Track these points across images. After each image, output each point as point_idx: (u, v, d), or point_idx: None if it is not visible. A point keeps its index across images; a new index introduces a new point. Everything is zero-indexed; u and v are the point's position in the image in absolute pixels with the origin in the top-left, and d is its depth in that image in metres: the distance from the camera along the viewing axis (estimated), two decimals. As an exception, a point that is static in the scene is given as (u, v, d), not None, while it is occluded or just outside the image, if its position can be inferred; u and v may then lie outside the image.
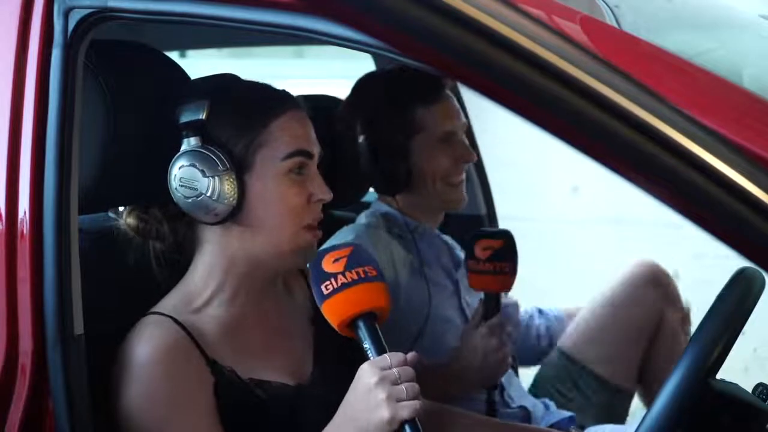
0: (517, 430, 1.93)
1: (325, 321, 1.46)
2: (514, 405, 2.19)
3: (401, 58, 1.17)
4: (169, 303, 1.57)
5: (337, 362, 1.62)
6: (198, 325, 1.55)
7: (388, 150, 2.09)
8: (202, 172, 1.51)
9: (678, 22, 1.65)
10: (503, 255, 2.07)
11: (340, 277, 1.42)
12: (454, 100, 2.17)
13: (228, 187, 1.52)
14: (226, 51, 4.27)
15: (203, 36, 2.65)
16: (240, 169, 1.53)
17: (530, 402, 2.23)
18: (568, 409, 2.29)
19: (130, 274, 1.60)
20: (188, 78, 1.65)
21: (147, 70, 1.61)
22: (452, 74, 1.08)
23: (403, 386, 1.36)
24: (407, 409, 1.36)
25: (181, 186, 1.52)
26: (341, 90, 2.27)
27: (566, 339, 2.44)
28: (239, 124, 1.55)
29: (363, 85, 2.20)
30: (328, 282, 1.43)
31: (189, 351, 1.52)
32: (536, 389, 2.44)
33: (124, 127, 1.51)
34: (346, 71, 4.33)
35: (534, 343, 2.48)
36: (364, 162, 2.10)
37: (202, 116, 1.53)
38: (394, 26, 0.99)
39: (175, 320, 1.53)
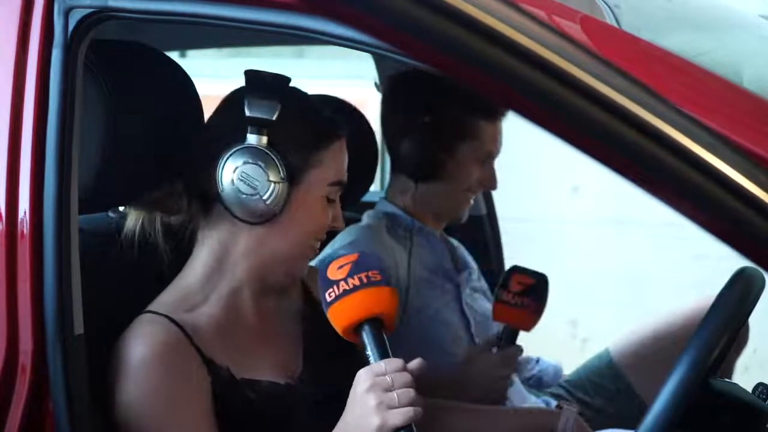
0: (507, 413, 1.93)
1: (317, 320, 1.46)
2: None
3: (402, 59, 1.17)
4: (165, 301, 1.57)
5: (327, 361, 1.62)
6: (194, 324, 1.55)
7: (440, 140, 2.12)
8: (267, 174, 1.51)
9: (678, 22, 1.65)
10: (533, 293, 2.12)
11: (342, 283, 1.42)
12: None
13: (281, 196, 1.52)
14: (226, 51, 4.27)
15: (203, 36, 2.65)
16: (291, 180, 1.54)
17: (531, 404, 2.23)
18: (593, 408, 2.29)
19: (130, 274, 1.60)
20: (188, 78, 1.65)
21: (147, 70, 1.61)
22: (453, 74, 1.07)
23: (395, 393, 1.34)
24: (399, 416, 1.33)
25: (240, 180, 1.52)
26: (341, 90, 2.27)
27: (619, 348, 2.42)
28: (303, 138, 1.55)
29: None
30: (331, 289, 1.42)
31: (185, 350, 1.52)
32: (574, 374, 2.44)
33: (124, 127, 1.51)
34: (346, 71, 4.34)
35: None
36: (411, 141, 2.12)
37: (272, 117, 1.53)
38: (394, 26, 0.99)
39: (171, 319, 1.53)
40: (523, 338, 2.54)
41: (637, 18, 1.47)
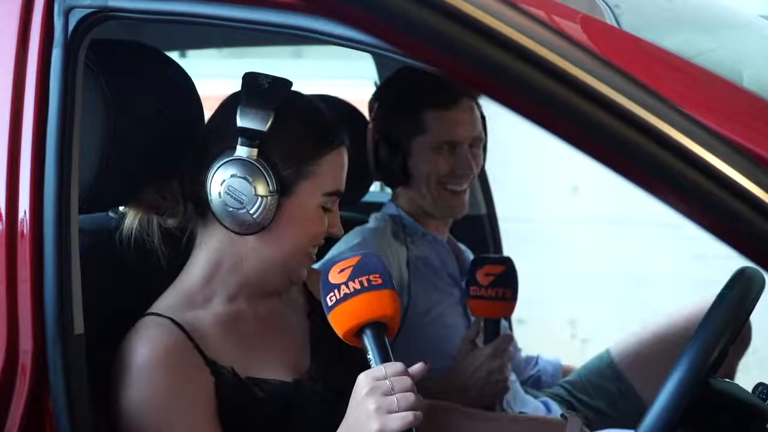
0: (510, 420, 1.93)
1: (321, 317, 1.46)
2: (512, 412, 2.19)
3: (402, 58, 1.17)
4: (167, 302, 1.57)
5: (334, 357, 1.62)
6: (197, 325, 1.55)
7: (390, 142, 2.12)
8: (255, 189, 1.50)
9: (678, 22, 1.65)
10: (505, 281, 2.09)
11: (342, 287, 1.40)
12: (474, 111, 2.16)
13: (269, 209, 1.51)
14: (226, 51, 4.27)
15: (203, 36, 2.65)
16: (282, 192, 1.53)
17: (532, 408, 2.23)
18: (593, 409, 2.29)
19: (130, 274, 1.60)
20: (188, 78, 1.65)
21: (147, 70, 1.61)
22: (452, 74, 1.08)
23: (394, 397, 1.33)
24: (398, 421, 1.32)
25: (227, 194, 1.51)
26: (341, 90, 2.27)
27: (620, 349, 2.41)
28: (295, 149, 1.54)
29: (389, 79, 2.22)
30: (332, 293, 1.41)
31: (188, 352, 1.52)
32: (575, 375, 2.44)
33: (124, 127, 1.51)
34: (346, 71, 4.33)
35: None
36: (369, 150, 2.14)
37: (264, 128, 1.51)
38: (394, 26, 0.99)
39: (174, 321, 1.53)
40: (523, 339, 2.55)
41: (637, 18, 1.47)
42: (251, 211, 1.51)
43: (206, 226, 1.59)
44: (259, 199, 1.50)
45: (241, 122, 1.51)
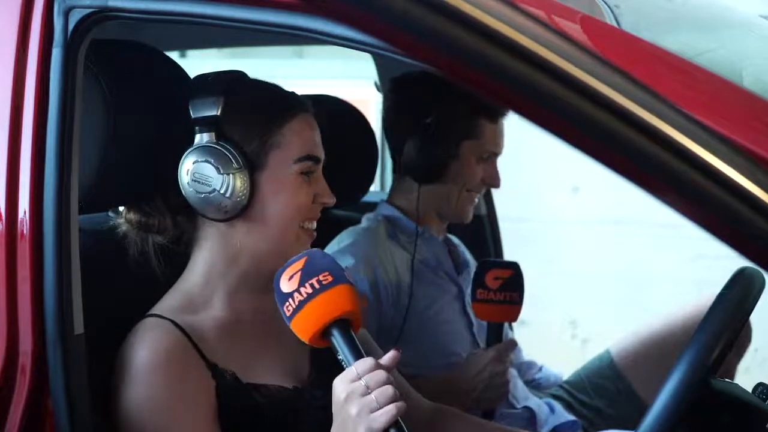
0: None
1: None
2: (518, 406, 2.20)
3: (401, 58, 1.17)
4: (168, 304, 1.57)
5: (334, 364, 1.61)
6: (198, 327, 1.55)
7: (443, 139, 2.12)
8: (217, 168, 1.52)
9: (678, 22, 1.65)
10: (513, 285, 2.11)
11: (296, 295, 1.38)
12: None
13: (240, 185, 1.52)
14: (226, 51, 4.27)
15: (203, 36, 2.65)
16: (252, 167, 1.54)
17: (535, 403, 2.23)
18: (593, 409, 2.29)
19: (130, 274, 1.60)
20: (188, 78, 1.65)
21: (147, 70, 1.61)
22: (452, 74, 1.07)
23: (372, 395, 1.31)
24: (382, 417, 1.31)
25: (194, 181, 1.52)
26: (341, 90, 2.27)
27: (620, 348, 2.42)
28: (254, 123, 1.55)
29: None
30: (287, 303, 1.39)
31: (189, 355, 1.52)
32: (575, 375, 2.44)
33: (123, 127, 1.51)
34: (346, 71, 4.33)
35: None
36: (415, 142, 2.11)
37: (217, 112, 1.53)
38: (394, 26, 0.99)
39: (175, 323, 1.53)
40: (524, 339, 2.55)
41: (637, 18, 1.47)
42: (222, 191, 1.52)
43: (197, 228, 1.59)
44: (227, 177, 1.52)
45: (194, 114, 1.54)
